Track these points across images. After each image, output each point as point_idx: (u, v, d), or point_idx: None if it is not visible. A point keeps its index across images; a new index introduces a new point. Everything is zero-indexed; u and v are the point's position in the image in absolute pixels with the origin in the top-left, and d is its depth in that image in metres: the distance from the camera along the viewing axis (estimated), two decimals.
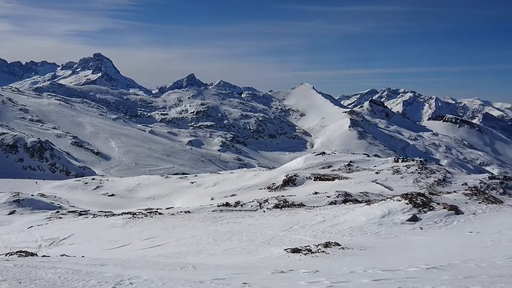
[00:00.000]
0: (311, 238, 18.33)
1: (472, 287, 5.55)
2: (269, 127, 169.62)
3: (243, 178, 49.32)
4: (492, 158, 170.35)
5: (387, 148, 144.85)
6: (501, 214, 20.83)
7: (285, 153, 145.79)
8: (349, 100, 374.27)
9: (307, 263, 12.11)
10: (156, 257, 15.27)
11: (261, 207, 32.40)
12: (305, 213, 26.23)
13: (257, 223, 23.23)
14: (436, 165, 51.84)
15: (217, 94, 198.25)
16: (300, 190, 39.77)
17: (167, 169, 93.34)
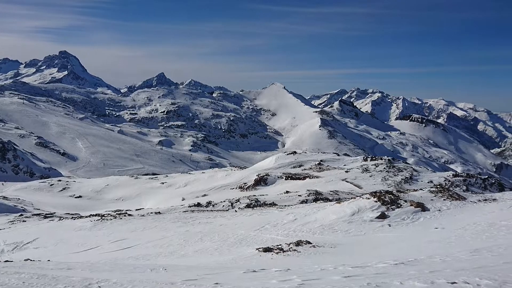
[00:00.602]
0: (283, 237, 18.45)
1: (437, 281, 5.73)
2: (240, 126, 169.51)
3: (214, 178, 49.07)
4: (456, 156, 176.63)
5: (356, 147, 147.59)
6: (465, 210, 21.64)
7: (256, 152, 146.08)
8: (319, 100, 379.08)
9: (279, 261, 12.19)
10: (126, 259, 14.98)
11: (232, 207, 32.36)
12: (277, 212, 26.38)
13: (229, 223, 23.17)
14: (403, 163, 53.31)
15: (188, 93, 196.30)
16: (272, 190, 39.95)
17: (137, 169, 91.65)
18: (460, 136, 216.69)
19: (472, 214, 20.19)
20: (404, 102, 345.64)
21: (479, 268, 7.55)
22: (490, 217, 18.54)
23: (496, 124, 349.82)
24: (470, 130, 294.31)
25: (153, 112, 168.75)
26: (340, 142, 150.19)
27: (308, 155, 58.16)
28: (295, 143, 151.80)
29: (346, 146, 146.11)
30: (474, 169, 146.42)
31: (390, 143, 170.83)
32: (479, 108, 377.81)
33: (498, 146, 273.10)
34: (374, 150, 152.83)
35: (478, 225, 16.89)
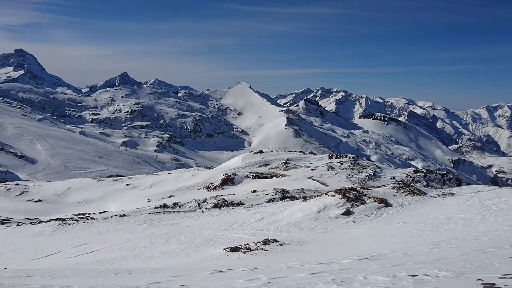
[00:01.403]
0: (250, 236, 18.48)
1: (399, 274, 5.89)
2: (206, 126, 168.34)
3: (181, 178, 48.53)
4: (416, 153, 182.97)
5: (322, 146, 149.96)
6: (425, 205, 22.44)
7: (223, 152, 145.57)
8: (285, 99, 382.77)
9: (246, 261, 12.18)
10: (89, 264, 14.52)
11: (199, 207, 32.11)
12: (244, 211, 26.39)
13: (196, 223, 22.97)
14: (367, 160, 54.68)
15: (152, 93, 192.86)
16: (239, 189, 39.94)
17: (100, 171, 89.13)
18: (420, 133, 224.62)
19: (432, 208, 20.97)
20: (367, 101, 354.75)
21: (438, 261, 7.84)
22: (448, 211, 19.32)
23: (454, 121, 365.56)
24: (430, 127, 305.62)
25: (116, 112, 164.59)
26: (306, 140, 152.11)
27: (275, 154, 58.54)
28: (261, 142, 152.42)
29: (311, 144, 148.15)
30: (433, 165, 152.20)
31: (354, 141, 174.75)
32: (438, 106, 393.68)
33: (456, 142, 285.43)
34: (339, 148, 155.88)
35: (438, 219, 17.56)
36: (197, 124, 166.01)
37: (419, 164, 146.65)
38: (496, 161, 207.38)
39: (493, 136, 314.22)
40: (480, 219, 16.22)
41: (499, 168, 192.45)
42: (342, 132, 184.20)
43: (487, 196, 21.86)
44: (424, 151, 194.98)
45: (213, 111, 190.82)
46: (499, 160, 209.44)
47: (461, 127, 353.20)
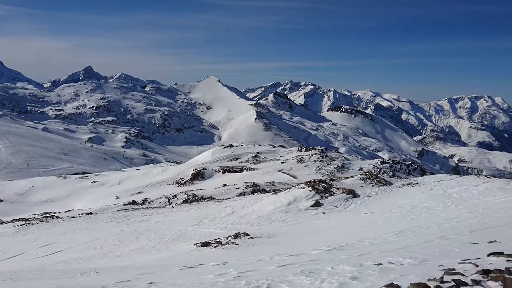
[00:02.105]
0: (221, 230, 18.46)
1: (365, 263, 6.04)
2: (175, 121, 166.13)
3: (150, 174, 47.83)
4: (383, 144, 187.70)
5: (291, 139, 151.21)
6: (391, 194, 23.09)
7: (192, 147, 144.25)
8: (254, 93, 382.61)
9: (217, 255, 12.17)
10: (55, 265, 14.11)
11: (169, 203, 31.79)
12: (215, 206, 26.32)
13: (166, 219, 22.73)
14: (335, 153, 55.59)
15: (119, 87, 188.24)
16: (209, 184, 39.79)
17: (65, 169, 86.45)
18: (386, 125, 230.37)
19: (397, 198, 21.61)
20: (335, 94, 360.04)
21: (403, 248, 8.09)
22: (413, 200, 19.97)
23: (418, 113, 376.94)
24: (395, 119, 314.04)
25: (81, 107, 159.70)
26: (276, 134, 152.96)
27: (245, 147, 58.61)
28: (231, 136, 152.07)
29: (281, 137, 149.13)
30: (399, 156, 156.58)
31: (323, 133, 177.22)
32: (403, 98, 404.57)
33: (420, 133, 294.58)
34: (308, 141, 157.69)
35: (403, 208, 18.12)
36: (165, 119, 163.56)
37: (385, 155, 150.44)
38: (457, 151, 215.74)
39: (455, 127, 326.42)
40: (442, 207, 16.85)
41: (460, 157, 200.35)
42: (311, 125, 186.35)
43: (449, 185, 22.73)
44: (390, 143, 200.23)
45: (181, 106, 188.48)
46: (460, 150, 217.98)
47: (425, 119, 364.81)
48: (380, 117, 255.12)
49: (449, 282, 4.09)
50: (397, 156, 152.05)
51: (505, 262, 4.92)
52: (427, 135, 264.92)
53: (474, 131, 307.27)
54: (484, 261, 5.19)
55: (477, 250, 6.53)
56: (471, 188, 20.26)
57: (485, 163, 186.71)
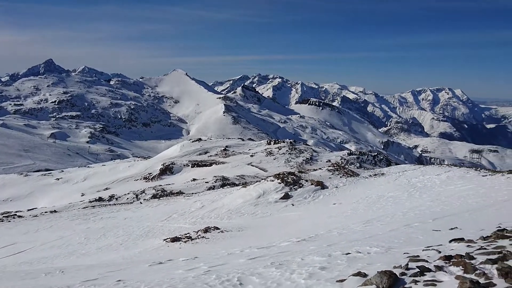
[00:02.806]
0: (191, 225, 18.34)
1: (334, 253, 6.15)
2: (142, 115, 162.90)
3: (116, 170, 46.79)
4: (350, 136, 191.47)
5: (260, 132, 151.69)
6: (358, 185, 23.63)
7: (160, 141, 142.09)
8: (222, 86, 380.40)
9: (187, 250, 12.07)
10: (17, 266, 13.59)
11: (137, 198, 31.29)
12: (184, 200, 26.11)
13: (134, 215, 22.36)
14: (304, 145, 56.23)
15: (82, 81, 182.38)
16: (178, 178, 39.41)
17: (27, 166, 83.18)
18: (353, 117, 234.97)
19: (364, 188, 22.14)
20: (303, 86, 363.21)
21: (369, 237, 8.29)
22: (379, 190, 20.51)
23: (383, 105, 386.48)
24: (361, 111, 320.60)
25: (42, 102, 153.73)
26: (244, 127, 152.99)
27: (214, 141, 58.31)
28: (200, 130, 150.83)
29: (250, 131, 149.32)
30: (365, 147, 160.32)
31: (291, 126, 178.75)
32: (368, 91, 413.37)
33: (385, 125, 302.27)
34: (277, 134, 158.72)
35: (370, 198, 18.58)
36: (132, 113, 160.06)
37: (352, 146, 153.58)
38: (421, 142, 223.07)
39: (418, 119, 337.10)
40: (407, 196, 17.41)
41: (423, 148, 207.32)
42: (280, 118, 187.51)
43: (413, 175, 23.49)
44: (357, 134, 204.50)
45: (148, 100, 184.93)
46: (423, 141, 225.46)
47: (390, 111, 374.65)
48: (347, 109, 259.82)
49: (413, 268, 4.22)
50: (363, 147, 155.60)
51: (465, 248, 5.12)
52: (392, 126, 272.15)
53: (436, 122, 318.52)
54: (446, 248, 5.39)
55: (440, 237, 6.78)
56: (434, 177, 21.02)
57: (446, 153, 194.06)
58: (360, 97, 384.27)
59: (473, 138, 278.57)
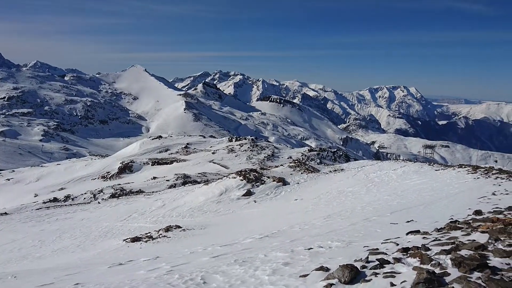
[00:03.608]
0: (152, 224, 18.01)
1: (296, 249, 6.22)
2: (99, 112, 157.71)
3: (72, 169, 45.14)
4: (310, 133, 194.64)
5: (221, 129, 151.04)
6: (319, 181, 24.09)
7: (119, 139, 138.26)
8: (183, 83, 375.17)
9: (148, 250, 11.83)
10: None
11: (95, 198, 30.38)
12: (144, 199, 25.59)
13: (92, 216, 21.67)
14: (265, 142, 56.61)
15: (34, 76, 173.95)
16: (138, 176, 38.60)
17: None
18: (313, 114, 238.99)
19: (325, 184, 22.60)
20: (264, 84, 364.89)
21: (331, 232, 8.46)
22: (339, 185, 21.00)
23: (342, 102, 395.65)
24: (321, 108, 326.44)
25: None
26: (206, 124, 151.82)
27: (174, 139, 57.54)
28: (160, 127, 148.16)
29: (211, 128, 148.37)
30: (325, 144, 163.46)
31: (252, 123, 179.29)
32: (328, 88, 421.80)
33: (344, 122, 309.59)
34: (238, 131, 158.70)
35: (330, 193, 18.99)
36: (88, 110, 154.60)
37: (313, 143, 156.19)
38: (378, 138, 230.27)
39: (375, 115, 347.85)
40: (365, 191, 17.93)
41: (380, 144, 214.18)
42: (241, 115, 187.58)
43: (371, 170, 24.23)
44: (317, 131, 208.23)
45: (106, 96, 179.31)
46: (380, 137, 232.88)
47: (348, 108, 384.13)
48: (307, 106, 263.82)
49: (373, 261, 4.35)
50: (323, 144, 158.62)
51: (421, 240, 5.33)
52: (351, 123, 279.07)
53: (392, 119, 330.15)
54: (403, 240, 5.59)
55: (397, 230, 7.02)
56: (390, 172, 21.78)
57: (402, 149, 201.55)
58: (320, 95, 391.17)
59: (426, 134, 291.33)
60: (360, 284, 3.80)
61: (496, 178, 14.31)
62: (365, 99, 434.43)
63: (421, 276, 3.43)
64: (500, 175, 15.12)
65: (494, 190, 11.25)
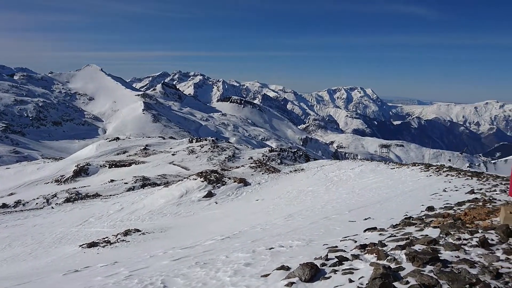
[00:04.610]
0: (110, 228, 17.51)
1: (258, 249, 6.25)
2: (52, 113, 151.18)
3: (23, 173, 43.03)
4: (271, 133, 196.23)
5: (182, 130, 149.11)
6: (279, 181, 24.33)
7: (74, 141, 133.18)
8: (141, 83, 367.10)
9: (105, 255, 11.48)
10: None
11: (48, 203, 29.14)
12: (101, 203, 24.83)
13: (45, 222, 20.76)
14: (226, 143, 56.46)
15: None
16: (95, 180, 37.39)
17: None
18: (274, 115, 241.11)
19: (285, 184, 22.86)
20: (224, 84, 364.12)
21: (291, 231, 8.56)
22: (299, 185, 21.31)
23: (301, 103, 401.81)
24: (281, 109, 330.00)
25: None
26: (165, 125, 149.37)
27: (133, 140, 56.22)
28: (117, 129, 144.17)
29: (171, 129, 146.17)
30: (286, 144, 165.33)
31: (213, 124, 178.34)
32: (288, 89, 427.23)
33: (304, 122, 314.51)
34: (199, 132, 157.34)
35: (291, 193, 19.23)
36: (40, 111, 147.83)
37: (273, 143, 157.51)
38: (336, 138, 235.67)
39: (334, 116, 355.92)
40: (325, 190, 18.30)
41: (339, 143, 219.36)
42: (202, 116, 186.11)
43: (330, 169, 24.77)
44: (278, 131, 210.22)
45: (59, 96, 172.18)
46: (338, 137, 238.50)
47: (308, 108, 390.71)
48: (268, 107, 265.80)
49: (333, 259, 4.44)
50: (284, 144, 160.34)
51: (378, 236, 5.51)
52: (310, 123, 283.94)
53: (350, 119, 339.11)
54: (361, 237, 5.75)
55: (355, 227, 7.21)
56: (349, 171, 22.36)
57: (359, 148, 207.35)
58: (280, 95, 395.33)
59: (382, 134, 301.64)
60: (320, 282, 3.87)
61: (447, 175, 15.04)
62: (324, 100, 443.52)
63: (378, 271, 3.54)
64: (450, 172, 15.93)
65: (445, 187, 11.82)
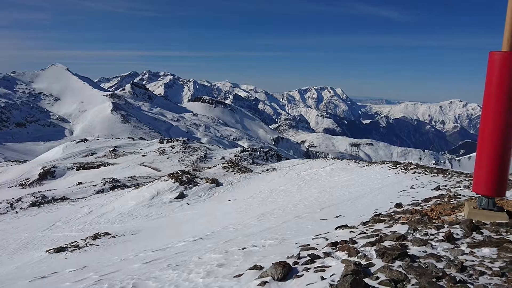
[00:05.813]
0: (78, 232, 17.05)
1: (231, 249, 6.23)
2: (15, 114, 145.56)
3: None
4: (243, 133, 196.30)
5: (152, 130, 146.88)
6: (252, 181, 24.37)
7: (39, 143, 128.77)
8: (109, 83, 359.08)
9: (74, 260, 11.17)
10: None
11: (12, 208, 28.09)
12: (69, 206, 24.15)
13: (9, 227, 19.99)
14: (197, 143, 56.05)
15: None
16: (62, 182, 36.33)
17: None
18: (245, 115, 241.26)
19: (258, 183, 22.92)
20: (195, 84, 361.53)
21: (264, 231, 8.59)
22: (272, 184, 21.42)
23: (273, 103, 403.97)
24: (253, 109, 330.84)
25: None
26: (135, 126, 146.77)
27: (101, 141, 54.97)
28: (85, 130, 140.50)
29: (141, 130, 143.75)
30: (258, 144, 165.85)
31: (184, 124, 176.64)
32: (259, 89, 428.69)
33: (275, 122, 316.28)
34: (170, 132, 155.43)
35: (263, 192, 19.30)
36: (2, 112, 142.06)
37: (245, 143, 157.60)
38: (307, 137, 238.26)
39: (305, 115, 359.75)
40: (297, 189, 18.47)
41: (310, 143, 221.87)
42: (172, 116, 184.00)
43: (302, 168, 25.02)
44: (249, 131, 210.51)
45: (23, 97, 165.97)
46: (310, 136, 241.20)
47: (279, 108, 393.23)
48: (239, 107, 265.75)
49: (305, 257, 4.48)
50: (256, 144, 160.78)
51: (348, 233, 5.60)
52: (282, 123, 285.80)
53: (321, 119, 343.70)
54: (332, 235, 5.83)
55: (327, 225, 7.31)
56: (320, 170, 22.66)
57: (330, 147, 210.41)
58: (252, 95, 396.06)
59: (352, 132, 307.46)
60: (293, 280, 3.90)
61: (414, 172, 15.49)
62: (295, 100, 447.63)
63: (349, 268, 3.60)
64: (417, 169, 16.41)
65: (412, 184, 12.17)
